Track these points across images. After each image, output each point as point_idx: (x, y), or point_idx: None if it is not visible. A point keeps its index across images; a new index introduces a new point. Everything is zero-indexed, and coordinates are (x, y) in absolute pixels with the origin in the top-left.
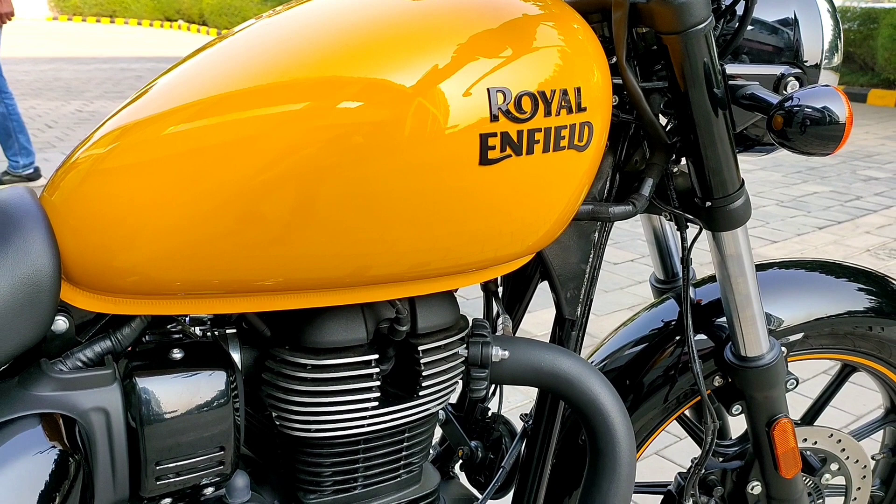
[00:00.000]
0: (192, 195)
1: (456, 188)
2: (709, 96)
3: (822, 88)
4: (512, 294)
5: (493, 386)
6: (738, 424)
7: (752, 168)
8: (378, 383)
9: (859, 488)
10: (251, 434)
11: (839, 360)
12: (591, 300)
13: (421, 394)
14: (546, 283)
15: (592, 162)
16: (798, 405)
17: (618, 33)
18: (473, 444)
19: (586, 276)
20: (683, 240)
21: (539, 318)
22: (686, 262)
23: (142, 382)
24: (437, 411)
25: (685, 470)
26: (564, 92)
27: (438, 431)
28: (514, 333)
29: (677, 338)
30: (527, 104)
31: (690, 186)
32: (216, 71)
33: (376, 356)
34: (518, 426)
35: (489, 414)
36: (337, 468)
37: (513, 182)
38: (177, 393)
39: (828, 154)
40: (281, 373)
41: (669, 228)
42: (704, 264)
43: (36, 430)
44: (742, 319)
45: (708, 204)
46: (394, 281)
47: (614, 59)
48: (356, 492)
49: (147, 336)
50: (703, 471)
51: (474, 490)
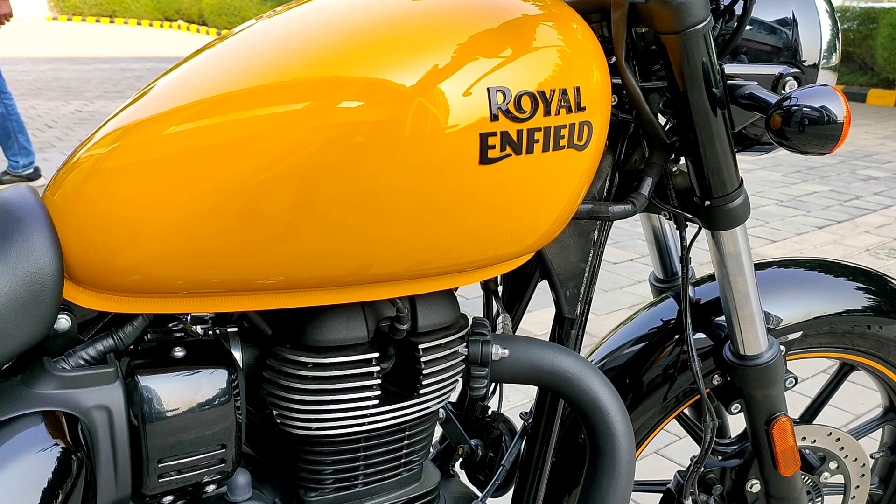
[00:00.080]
0: (194, 194)
1: (456, 187)
2: (708, 96)
3: (820, 88)
4: (512, 293)
5: (492, 384)
6: (737, 423)
7: (752, 168)
8: (378, 382)
9: (858, 486)
10: (252, 432)
11: (838, 359)
12: (591, 299)
13: (421, 392)
14: (546, 281)
15: (592, 161)
16: (797, 404)
17: (617, 33)
18: (473, 442)
19: (586, 274)
20: (682, 239)
21: (539, 318)
22: (685, 261)
23: (144, 381)
24: (438, 410)
25: (684, 468)
26: (564, 91)
27: (439, 430)
28: (513, 332)
29: (676, 336)
30: (526, 104)
31: (689, 185)
32: (217, 71)
33: (377, 355)
34: (518, 425)
35: (489, 412)
36: (337, 466)
37: (513, 181)
38: (178, 391)
39: (826, 153)
40: (282, 371)
41: (669, 228)
42: (704, 264)
43: (39, 427)
44: (741, 318)
45: (707, 203)
46: (394, 279)
47: (613, 59)
48: (357, 490)
49: (149, 334)
50: (703, 469)
51: (474, 488)
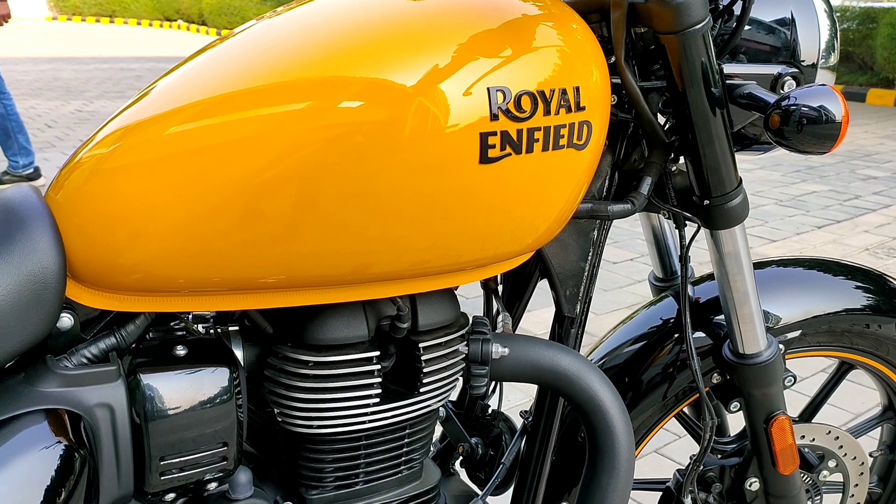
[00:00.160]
0: (195, 194)
1: (456, 187)
2: (707, 95)
3: (818, 88)
4: (512, 292)
5: (493, 383)
6: (736, 421)
7: (752, 167)
8: (379, 380)
9: (857, 485)
10: (253, 430)
11: (837, 358)
12: (591, 298)
13: (422, 390)
14: (545, 281)
15: (591, 160)
16: (796, 403)
17: (616, 33)
18: (474, 440)
19: (585, 273)
20: (682, 238)
21: (539, 317)
22: (684, 260)
23: (146, 379)
24: (438, 408)
25: (684, 467)
26: (563, 91)
27: (439, 428)
28: (513, 331)
29: (676, 335)
30: (526, 103)
31: (689, 185)
32: (218, 71)
33: (377, 353)
34: (518, 423)
35: (489, 411)
36: (338, 464)
37: (512, 180)
38: (180, 389)
39: (824, 153)
40: (283, 369)
41: (668, 227)
42: (703, 263)
43: (42, 425)
44: (740, 317)
45: (706, 202)
46: (395, 278)
47: (613, 59)
48: (357, 487)
49: (151, 333)
50: (702, 467)
51: (474, 486)
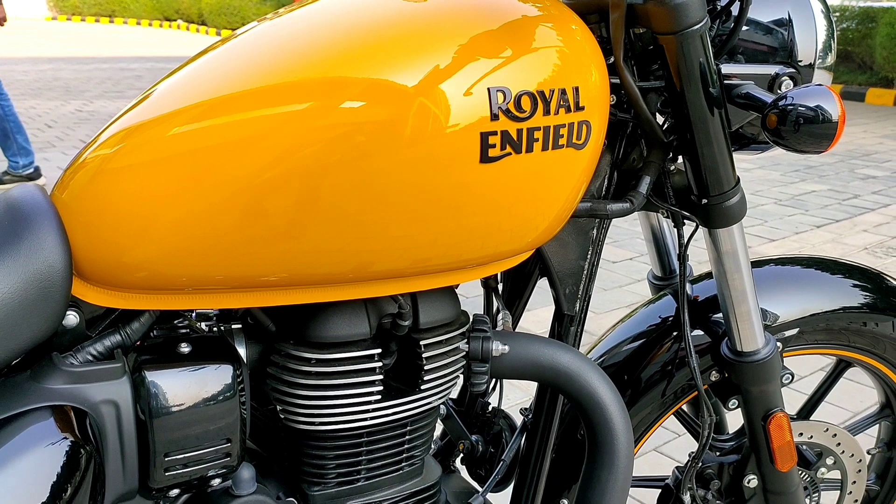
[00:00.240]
0: (198, 193)
1: (457, 186)
2: (705, 95)
3: (815, 88)
4: (512, 290)
5: (493, 381)
6: (734, 419)
7: (751, 167)
8: (381, 377)
9: (855, 482)
10: (256, 427)
11: (834, 356)
12: (590, 296)
13: (423, 387)
14: (545, 279)
15: (590, 160)
16: (794, 401)
17: (615, 34)
18: (474, 438)
19: (585, 272)
20: (680, 237)
21: (538, 317)
22: (683, 258)
23: (151, 376)
24: (439, 405)
25: (683, 464)
26: (563, 91)
27: (440, 426)
28: (513, 329)
29: (674, 333)
30: (526, 103)
31: (687, 184)
32: (220, 72)
33: (379, 350)
34: (518, 421)
35: (489, 408)
36: (340, 461)
37: (512, 180)
38: (184, 386)
39: (821, 152)
40: (286, 367)
41: (667, 226)
42: (702, 262)
43: (48, 421)
44: (738, 315)
45: (704, 201)
46: (396, 276)
47: (612, 59)
48: (359, 484)
49: (155, 331)
50: (701, 464)
51: (475, 483)
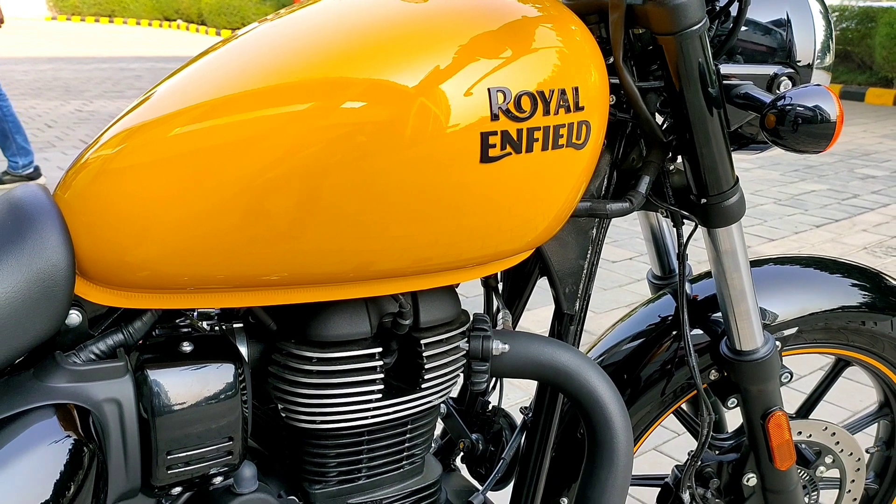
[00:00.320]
0: (200, 193)
1: (457, 185)
2: (704, 96)
3: (813, 88)
4: (512, 289)
5: (493, 379)
6: (734, 418)
7: (751, 166)
8: (381, 376)
9: (853, 481)
10: (258, 426)
11: (833, 355)
12: (589, 296)
13: (423, 386)
14: (545, 279)
15: (590, 160)
16: (793, 400)
17: (614, 34)
18: (474, 436)
19: (584, 271)
20: (679, 236)
21: (538, 316)
22: (682, 258)
23: (153, 374)
24: (439, 404)
25: (682, 463)
26: (563, 92)
27: (440, 425)
28: (513, 328)
29: (674, 332)
30: (526, 103)
31: (686, 184)
32: (221, 73)
33: (380, 349)
34: (518, 419)
35: (490, 407)
36: (341, 459)
37: (512, 179)
38: (186, 385)
39: (819, 152)
40: (287, 366)
41: (666, 225)
42: (701, 261)
43: (51, 420)
44: (737, 314)
45: (703, 201)
46: (397, 276)
47: (611, 60)
48: (360, 482)
49: (157, 330)
50: (700, 463)
51: (475, 482)
